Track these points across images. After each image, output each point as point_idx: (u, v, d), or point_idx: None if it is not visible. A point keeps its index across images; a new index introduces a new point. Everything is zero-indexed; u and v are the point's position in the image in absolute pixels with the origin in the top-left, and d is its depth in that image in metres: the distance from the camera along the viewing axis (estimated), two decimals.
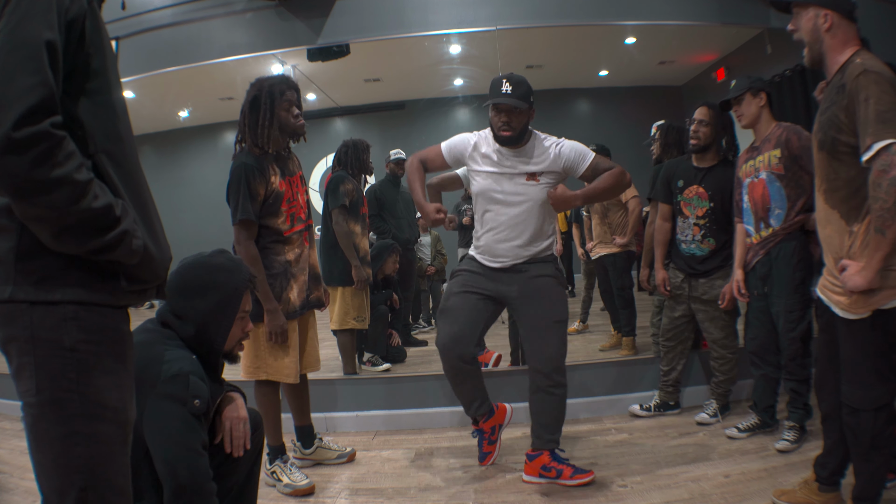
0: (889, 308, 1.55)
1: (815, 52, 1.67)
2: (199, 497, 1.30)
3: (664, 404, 3.00)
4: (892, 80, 1.50)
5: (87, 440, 0.97)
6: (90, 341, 0.98)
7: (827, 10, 1.62)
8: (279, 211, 2.30)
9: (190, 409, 1.34)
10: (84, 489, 0.97)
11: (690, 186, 2.79)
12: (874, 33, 2.40)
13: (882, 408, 1.62)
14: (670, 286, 2.89)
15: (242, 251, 2.25)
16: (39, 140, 0.88)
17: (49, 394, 0.95)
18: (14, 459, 2.86)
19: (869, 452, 1.64)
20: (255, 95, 2.30)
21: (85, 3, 1.00)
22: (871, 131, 1.46)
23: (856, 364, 1.64)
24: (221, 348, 1.53)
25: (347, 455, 2.65)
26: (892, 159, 1.43)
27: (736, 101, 2.48)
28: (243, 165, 2.24)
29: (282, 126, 2.31)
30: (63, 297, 0.96)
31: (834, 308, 1.67)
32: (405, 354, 3.87)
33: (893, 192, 1.43)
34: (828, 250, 1.70)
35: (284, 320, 2.29)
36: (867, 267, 1.51)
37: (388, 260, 3.73)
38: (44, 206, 0.90)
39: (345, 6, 3.29)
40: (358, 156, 3.38)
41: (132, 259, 1.01)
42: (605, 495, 2.17)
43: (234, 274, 1.54)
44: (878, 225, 1.47)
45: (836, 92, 1.59)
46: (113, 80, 1.07)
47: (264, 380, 2.35)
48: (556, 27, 3.35)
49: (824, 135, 1.63)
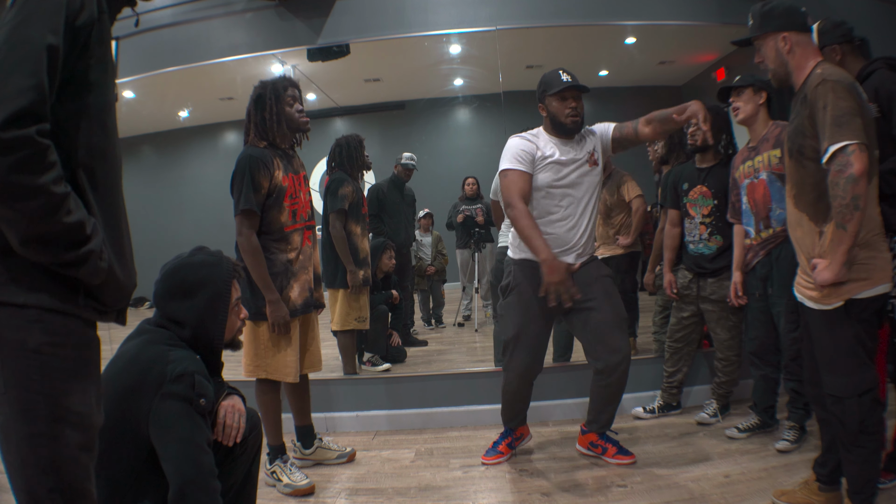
0: (861, 297, 1.64)
1: (782, 74, 1.78)
2: (205, 494, 1.31)
3: (667, 405, 3.00)
4: (849, 86, 1.60)
5: (52, 442, 0.97)
6: (54, 344, 0.97)
7: (784, 33, 1.73)
8: (282, 206, 2.31)
9: (196, 408, 1.35)
10: (52, 490, 0.97)
11: (695, 188, 2.79)
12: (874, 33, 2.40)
13: (865, 392, 1.66)
14: (678, 287, 2.89)
15: (244, 242, 2.26)
16: (23, 145, 0.87)
17: (15, 393, 0.95)
18: None
19: (858, 438, 1.66)
20: (259, 94, 2.34)
21: (95, 13, 0.99)
22: (828, 135, 1.57)
23: (834, 354, 1.70)
24: (221, 342, 1.55)
25: (347, 455, 2.65)
26: (848, 159, 1.53)
27: (736, 93, 2.48)
28: (248, 157, 2.27)
29: (287, 121, 2.35)
30: (27, 300, 0.95)
31: (808, 303, 1.75)
32: (405, 354, 3.87)
33: (850, 189, 1.53)
34: (800, 251, 1.79)
35: (287, 311, 2.29)
36: (833, 261, 1.61)
37: (383, 257, 3.73)
38: (16, 210, 0.90)
39: (345, 6, 3.29)
40: (351, 153, 3.35)
41: (95, 279, 1.00)
42: (606, 495, 2.17)
43: (218, 267, 1.55)
44: (839, 220, 1.57)
45: (800, 103, 1.70)
46: (109, 97, 1.06)
47: (264, 378, 2.36)
48: (556, 27, 3.34)
49: (792, 143, 1.74)
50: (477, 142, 5.13)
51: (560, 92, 2.30)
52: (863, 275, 1.62)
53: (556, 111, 2.33)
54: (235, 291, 1.59)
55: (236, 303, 1.59)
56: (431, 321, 4.73)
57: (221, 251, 1.61)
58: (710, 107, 2.72)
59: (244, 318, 1.64)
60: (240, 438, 1.55)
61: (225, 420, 1.52)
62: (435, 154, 5.09)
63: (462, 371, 3.43)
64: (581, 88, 2.32)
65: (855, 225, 1.55)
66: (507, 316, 2.43)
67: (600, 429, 2.48)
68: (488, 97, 4.15)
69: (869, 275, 1.63)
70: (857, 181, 1.52)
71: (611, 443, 2.48)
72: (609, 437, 2.49)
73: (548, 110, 2.36)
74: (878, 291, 1.64)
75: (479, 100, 4.71)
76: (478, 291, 4.48)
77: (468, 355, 4.33)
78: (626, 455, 2.44)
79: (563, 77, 2.31)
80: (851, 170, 1.52)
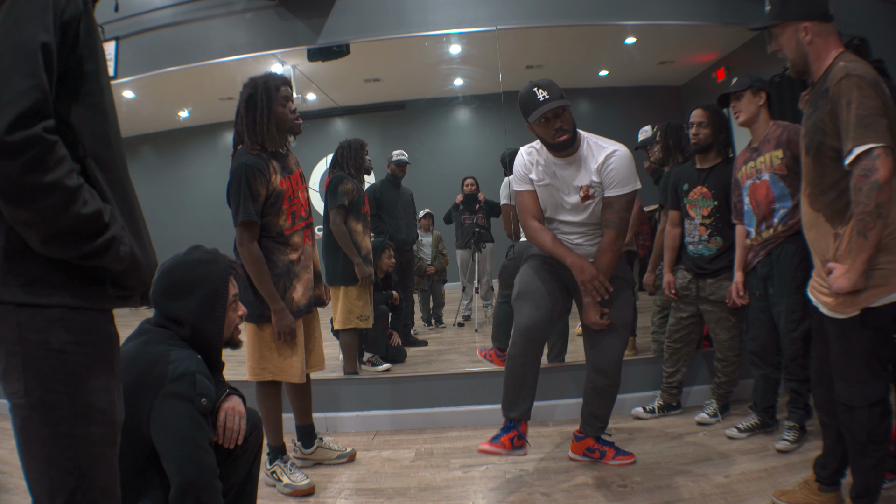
0: (877, 306, 1.57)
1: (801, 65, 1.69)
2: (207, 493, 1.32)
3: (667, 405, 3.00)
4: (874, 82, 1.51)
5: (76, 442, 0.97)
6: (78, 342, 0.98)
7: (806, 23, 1.63)
8: (280, 210, 2.29)
9: (197, 408, 1.36)
10: (73, 491, 0.97)
11: (695, 188, 2.79)
12: (874, 33, 2.41)
13: (876, 403, 1.63)
14: (677, 288, 2.89)
15: (245, 253, 2.23)
16: (32, 144, 0.88)
17: (38, 396, 0.95)
18: (14, 459, 2.86)
19: (866, 447, 1.65)
20: (250, 94, 2.27)
21: (80, 5, 0.99)
22: (853, 136, 1.48)
23: (847, 362, 1.66)
24: (221, 339, 1.55)
25: (348, 455, 2.65)
26: (873, 164, 1.45)
27: (735, 98, 2.48)
28: (243, 166, 2.22)
29: (279, 122, 2.29)
30: (49, 300, 0.96)
31: (822, 308, 1.69)
32: (405, 354, 3.87)
33: (874, 196, 1.46)
34: (814, 252, 1.73)
35: (292, 320, 2.29)
36: (851, 269, 1.54)
37: (383, 256, 3.74)
38: (33, 211, 0.90)
39: (345, 6, 3.29)
40: (354, 156, 3.38)
41: (120, 265, 1.01)
42: (606, 495, 2.17)
43: (215, 264, 1.56)
44: (860, 228, 1.50)
45: (820, 97, 1.61)
46: (104, 84, 1.07)
47: (269, 380, 2.36)
48: (556, 27, 3.35)
49: (811, 139, 1.65)
50: (477, 142, 5.13)
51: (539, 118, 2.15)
52: (880, 281, 1.54)
53: (542, 134, 2.23)
54: (233, 288, 1.59)
55: (234, 299, 1.60)
56: (431, 321, 4.73)
57: (217, 249, 1.62)
58: (707, 104, 2.74)
59: (242, 315, 1.65)
60: (240, 441, 1.55)
61: (225, 423, 1.52)
62: (435, 154, 5.09)
63: (462, 371, 3.43)
64: (560, 105, 2.12)
65: (877, 234, 1.48)
66: (517, 278, 2.34)
67: (595, 432, 2.45)
68: (488, 97, 4.15)
69: (886, 281, 1.54)
70: (882, 188, 1.45)
71: (608, 445, 2.45)
72: (605, 440, 2.47)
73: (535, 132, 2.25)
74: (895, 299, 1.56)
75: (479, 100, 4.71)
76: (478, 291, 4.47)
77: (468, 355, 4.32)
78: (625, 455, 2.42)
79: (538, 96, 2.13)
80: (877, 175, 1.44)
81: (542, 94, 2.13)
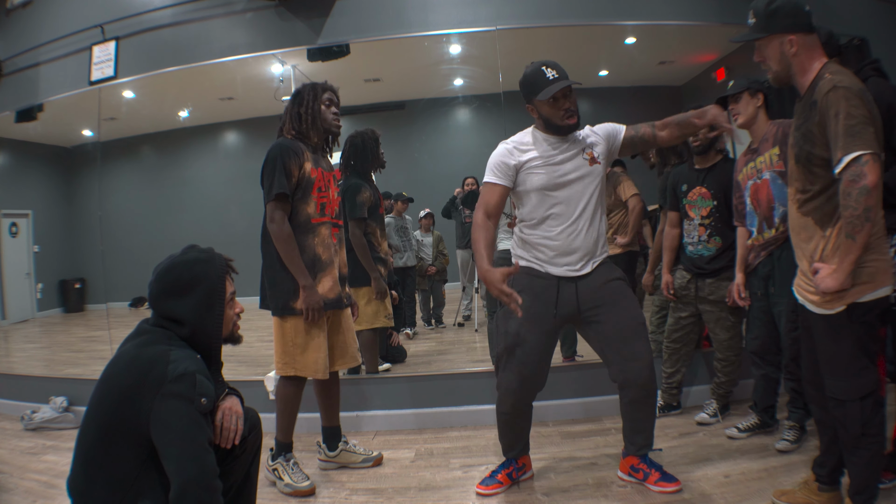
0: (864, 301, 1.62)
1: (784, 76, 1.73)
2: (207, 493, 1.32)
3: (667, 406, 3.00)
4: (860, 93, 1.56)
5: None
6: None
7: (791, 35, 1.66)
8: (310, 197, 2.34)
9: (197, 408, 1.36)
10: None
11: (693, 189, 2.79)
12: (874, 33, 2.41)
13: (868, 395, 1.66)
14: (675, 288, 2.89)
15: (276, 229, 2.27)
16: None
17: None
18: (14, 459, 2.86)
19: (860, 440, 1.66)
20: (298, 90, 2.44)
21: None
22: (842, 144, 1.54)
23: (836, 357, 1.69)
24: (220, 337, 1.56)
25: (373, 459, 2.60)
26: (861, 170, 1.51)
27: (733, 100, 2.49)
28: (278, 146, 2.32)
29: (321, 119, 2.40)
30: None
31: (809, 306, 1.74)
32: (405, 354, 3.87)
33: (863, 200, 1.51)
34: (801, 255, 1.77)
35: (320, 297, 2.30)
36: (839, 270, 1.59)
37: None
38: None
39: (345, 6, 3.29)
40: (367, 152, 3.23)
41: None
42: (605, 495, 2.17)
43: (211, 263, 1.57)
44: (848, 231, 1.55)
45: (808, 108, 1.66)
46: None
47: (292, 375, 2.36)
48: (556, 27, 3.35)
49: (800, 149, 1.70)
50: (477, 142, 5.12)
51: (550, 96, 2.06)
52: (867, 278, 1.61)
53: (549, 115, 2.11)
54: (230, 286, 1.60)
55: (231, 297, 1.61)
56: (432, 321, 4.73)
57: (213, 248, 1.62)
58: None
59: (240, 312, 1.65)
60: (238, 441, 1.55)
61: (222, 423, 1.52)
62: (435, 154, 5.09)
63: (462, 371, 3.43)
64: (568, 86, 2.06)
65: (864, 236, 1.53)
66: (502, 326, 2.20)
67: (639, 451, 2.23)
68: (488, 97, 4.14)
69: (871, 278, 1.61)
70: (871, 192, 1.50)
71: (654, 467, 2.21)
72: (652, 460, 2.24)
73: (539, 112, 2.14)
74: (881, 294, 1.63)
75: (479, 100, 4.70)
76: (478, 291, 4.47)
77: (468, 355, 4.33)
78: (670, 482, 2.16)
79: (548, 74, 2.06)
80: (865, 181, 1.50)
81: (552, 73, 2.08)
